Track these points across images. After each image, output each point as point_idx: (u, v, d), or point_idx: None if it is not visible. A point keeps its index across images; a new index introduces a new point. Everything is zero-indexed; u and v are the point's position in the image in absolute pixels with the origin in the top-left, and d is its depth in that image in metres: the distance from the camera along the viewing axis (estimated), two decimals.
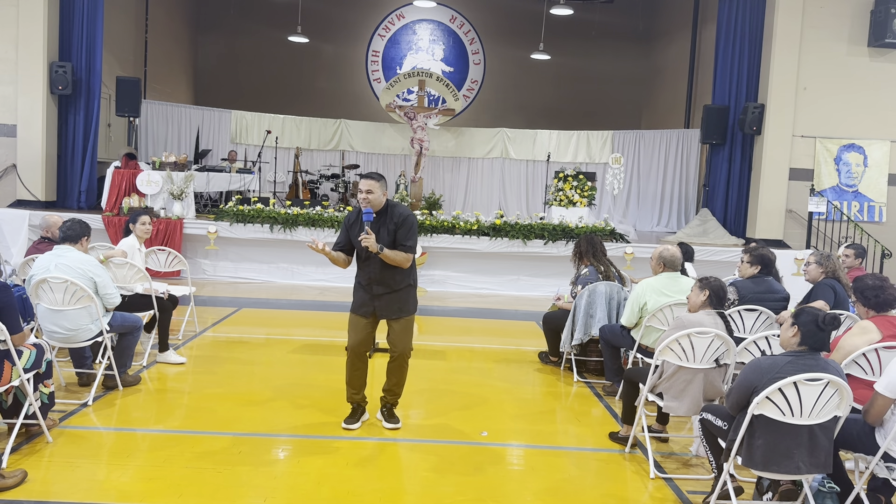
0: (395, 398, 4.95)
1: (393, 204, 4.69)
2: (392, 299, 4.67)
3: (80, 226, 5.15)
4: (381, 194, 4.58)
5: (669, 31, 17.31)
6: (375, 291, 4.67)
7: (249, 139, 14.81)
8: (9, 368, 4.02)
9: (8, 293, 4.03)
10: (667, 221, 14.67)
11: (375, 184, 4.54)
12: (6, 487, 3.64)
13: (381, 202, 4.60)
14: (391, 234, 4.60)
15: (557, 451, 4.65)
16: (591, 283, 6.15)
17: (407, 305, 4.73)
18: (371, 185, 4.53)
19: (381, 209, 4.62)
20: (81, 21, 11.76)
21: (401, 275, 4.67)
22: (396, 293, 4.67)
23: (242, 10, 18.06)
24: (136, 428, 4.69)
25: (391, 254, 4.53)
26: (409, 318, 4.76)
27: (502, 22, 18.43)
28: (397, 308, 4.69)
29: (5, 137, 11.50)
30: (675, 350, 4.24)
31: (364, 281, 4.72)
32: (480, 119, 17.69)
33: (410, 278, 4.75)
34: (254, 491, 3.83)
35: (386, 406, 4.96)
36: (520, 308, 9.71)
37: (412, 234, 4.61)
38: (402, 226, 4.60)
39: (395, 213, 4.63)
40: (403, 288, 4.70)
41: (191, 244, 10.60)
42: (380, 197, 4.57)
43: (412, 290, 4.78)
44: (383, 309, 4.69)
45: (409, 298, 4.74)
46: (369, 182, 4.54)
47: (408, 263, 4.64)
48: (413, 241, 4.63)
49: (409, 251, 4.60)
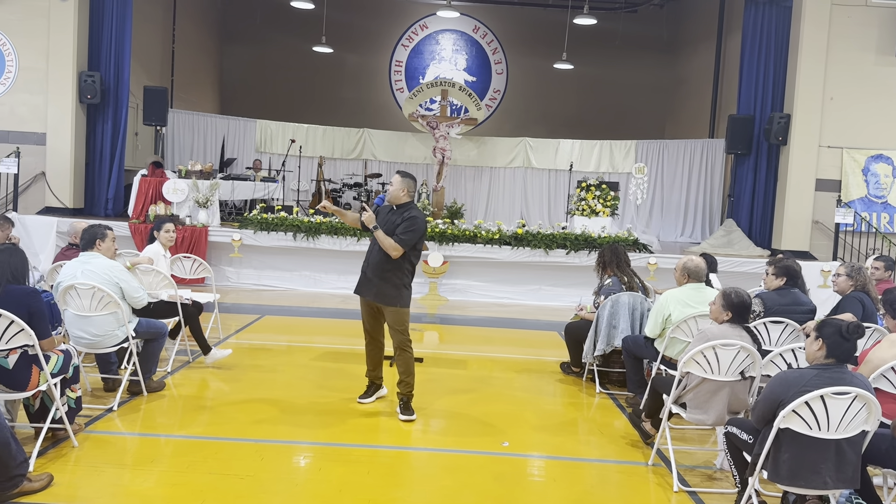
0: (406, 389, 5.21)
1: (411, 206, 5.13)
2: (380, 286, 5.08)
3: (90, 231, 5.20)
4: (401, 190, 5.07)
5: (694, 40, 17.22)
6: (368, 274, 5.16)
7: (274, 148, 14.95)
8: (37, 373, 4.08)
9: (37, 299, 4.10)
10: (691, 232, 14.54)
11: (399, 179, 5.10)
12: (33, 491, 3.68)
13: (399, 198, 5.09)
14: (395, 226, 5.01)
15: (579, 463, 4.62)
16: (614, 294, 6.10)
17: (391, 296, 5.07)
18: (395, 179, 5.12)
19: (399, 205, 5.10)
20: (110, 31, 11.98)
21: (390, 265, 5.03)
22: (383, 281, 5.06)
23: (268, 21, 18.28)
24: (160, 433, 4.74)
25: (381, 236, 4.99)
26: (397, 311, 5.11)
27: (525, 32, 18.46)
28: (383, 294, 5.07)
29: (35, 145, 11.70)
30: (700, 362, 4.19)
31: (365, 263, 5.23)
32: (503, 128, 17.70)
33: (402, 278, 5.09)
34: (276, 498, 3.85)
35: (400, 399, 5.25)
36: (541, 318, 9.67)
37: (410, 231, 4.98)
38: (405, 221, 5.01)
39: (409, 213, 5.07)
40: (391, 280, 5.05)
41: (215, 252, 10.71)
42: (398, 192, 5.07)
43: (401, 288, 5.10)
44: (370, 291, 5.14)
45: (394, 292, 5.07)
46: (396, 177, 5.13)
47: (394, 253, 4.97)
48: (407, 237, 4.97)
49: (400, 242, 4.95)
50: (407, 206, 5.12)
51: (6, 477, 3.59)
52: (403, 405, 5.20)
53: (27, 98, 11.72)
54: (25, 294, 4.06)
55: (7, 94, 11.74)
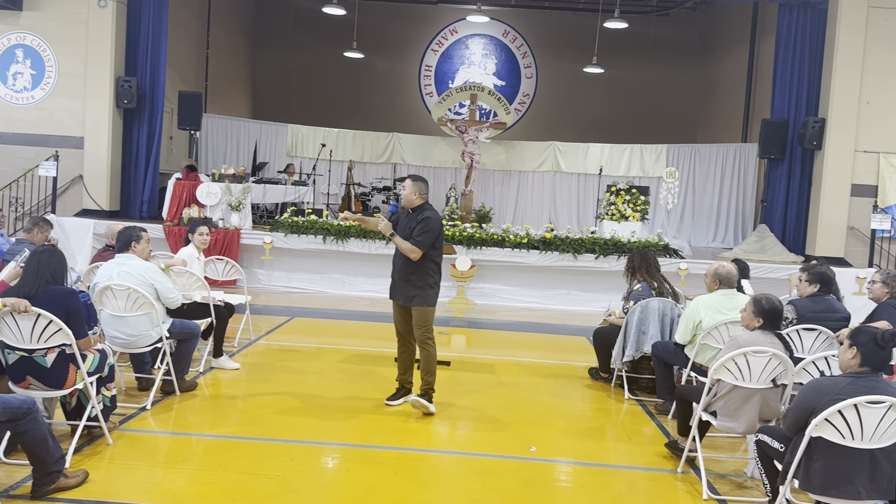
0: (427, 384, 5.39)
1: (426, 208, 5.29)
2: (406, 288, 5.26)
3: (126, 233, 5.32)
4: (413, 194, 5.25)
5: (726, 43, 17.02)
6: (396, 278, 5.34)
7: (305, 152, 15.09)
8: (73, 372, 4.18)
9: (75, 299, 4.20)
10: (723, 237, 14.37)
11: (411, 184, 5.29)
12: (69, 487, 3.77)
13: (411, 201, 5.27)
14: (411, 229, 5.17)
15: (607, 469, 4.60)
16: (643, 299, 6.06)
17: (417, 297, 5.24)
18: (407, 183, 5.32)
19: (416, 208, 5.27)
20: (147, 38, 12.21)
21: (412, 267, 5.20)
22: (408, 283, 5.24)
23: (300, 27, 18.48)
24: (192, 433, 4.82)
25: (399, 241, 5.17)
26: (422, 310, 5.28)
27: (555, 36, 18.41)
28: (409, 296, 5.25)
29: (73, 149, 11.98)
30: (731, 369, 4.15)
31: (392, 268, 5.40)
32: (532, 132, 17.66)
33: (425, 278, 5.23)
34: (304, 498, 3.89)
35: (422, 391, 5.41)
36: (569, 323, 9.63)
37: (425, 232, 5.12)
38: (420, 223, 5.16)
39: (422, 214, 5.22)
40: (414, 281, 5.22)
41: (247, 254, 10.85)
42: (410, 196, 5.26)
43: (426, 288, 5.25)
44: (400, 295, 5.32)
45: (419, 292, 5.23)
46: (407, 181, 5.34)
47: (413, 255, 5.13)
48: (423, 238, 5.12)
49: (416, 244, 5.11)
50: (421, 208, 5.29)
51: (44, 472, 3.68)
52: (423, 395, 5.40)
53: (66, 103, 12.00)
54: (63, 294, 4.16)
55: (47, 98, 12.03)
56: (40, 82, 12.03)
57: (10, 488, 3.75)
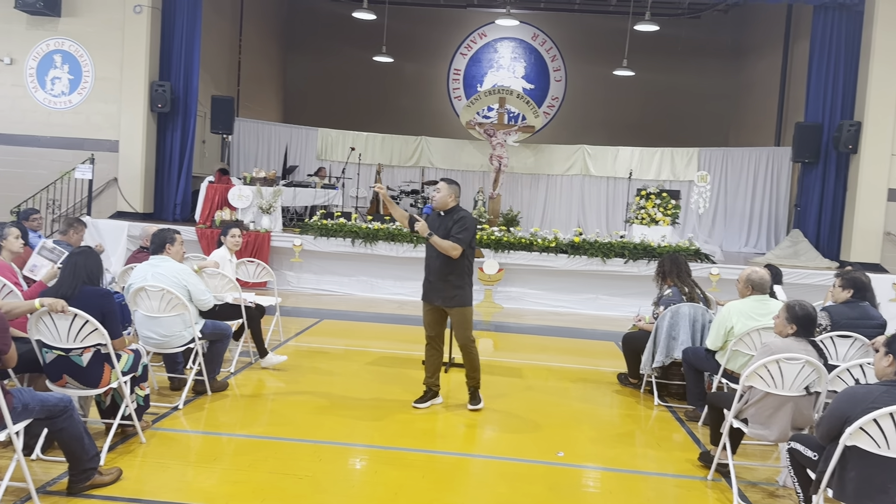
0: (474, 381, 5.60)
1: (459, 209, 5.41)
2: (445, 289, 5.33)
3: (160, 235, 5.42)
4: (448, 196, 5.37)
5: (759, 45, 16.80)
6: (432, 280, 5.38)
7: (334, 156, 15.21)
8: (108, 371, 4.26)
9: (110, 300, 4.28)
10: (755, 242, 14.16)
11: (445, 186, 5.40)
12: (103, 484, 3.84)
13: (446, 203, 5.37)
14: (447, 229, 5.27)
15: (636, 476, 4.56)
16: (674, 305, 6.01)
17: (457, 297, 5.34)
18: (440, 185, 5.42)
19: (448, 210, 5.37)
20: (180, 43, 12.41)
21: (450, 267, 5.29)
22: (447, 284, 5.32)
23: (330, 32, 18.64)
24: (223, 432, 4.88)
25: (438, 240, 5.22)
26: (463, 310, 5.40)
27: (585, 39, 18.33)
28: (449, 296, 5.34)
29: (108, 152, 12.21)
30: (763, 376, 4.10)
31: (426, 270, 5.44)
32: (560, 136, 17.59)
33: (463, 277, 5.35)
34: (333, 499, 3.92)
35: (469, 389, 5.62)
36: (598, 327, 9.57)
37: (464, 230, 5.25)
38: (457, 222, 5.28)
39: (457, 215, 5.35)
40: (454, 282, 5.32)
41: (277, 256, 10.96)
42: (445, 198, 5.36)
43: (465, 287, 5.38)
44: (437, 296, 5.38)
45: (459, 292, 5.35)
46: (441, 183, 5.44)
47: (454, 252, 5.21)
48: (463, 236, 5.23)
49: (457, 241, 5.21)
50: (455, 209, 5.41)
51: (79, 469, 3.76)
52: (472, 395, 5.62)
53: (102, 107, 12.24)
54: (99, 295, 4.24)
55: (84, 103, 12.29)
56: (77, 87, 12.29)
57: (46, 484, 3.83)
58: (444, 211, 5.40)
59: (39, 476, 3.91)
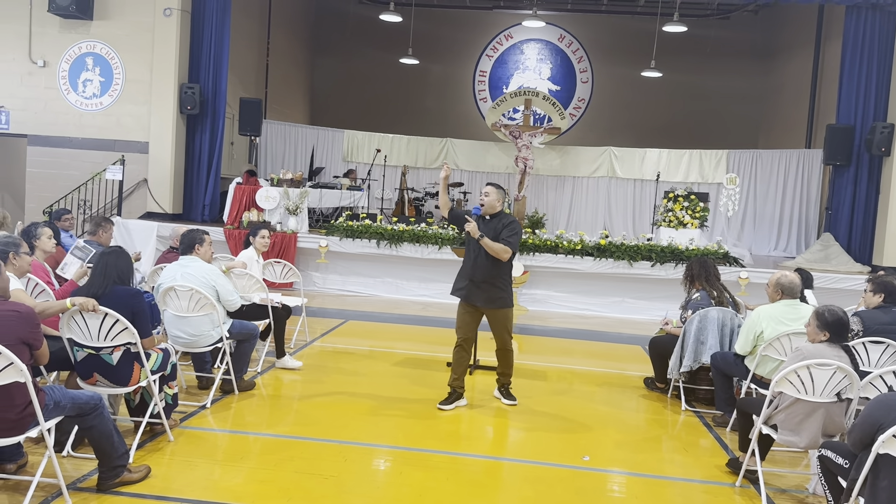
0: (507, 379, 5.82)
1: (506, 214, 5.57)
2: (490, 291, 5.44)
3: (189, 236, 5.48)
4: (496, 200, 5.50)
5: (790, 46, 16.56)
6: (476, 282, 5.45)
7: (360, 157, 15.28)
8: (138, 370, 4.31)
9: (140, 300, 4.33)
10: (785, 246, 13.96)
11: (493, 190, 5.54)
12: (132, 481, 3.89)
13: (495, 207, 5.51)
14: (497, 232, 5.38)
15: (662, 481, 4.51)
16: (702, 309, 5.94)
17: (501, 299, 5.48)
18: (489, 189, 5.55)
19: (494, 214, 5.51)
20: (209, 46, 12.55)
21: (497, 269, 5.43)
22: (493, 286, 5.44)
23: (356, 34, 18.74)
24: (250, 431, 4.92)
25: (490, 242, 5.31)
26: (507, 311, 5.57)
27: (612, 40, 18.21)
28: (494, 298, 5.46)
29: (138, 154, 12.39)
30: (794, 382, 4.03)
31: (469, 270, 5.50)
32: (587, 137, 17.50)
33: (507, 279, 5.52)
34: (358, 499, 3.93)
35: (502, 387, 5.85)
36: (624, 331, 9.49)
37: (514, 234, 5.41)
38: (507, 227, 5.42)
39: (505, 219, 5.50)
40: (499, 284, 5.45)
41: (303, 257, 11.03)
42: (494, 202, 5.49)
43: (508, 289, 5.52)
44: (481, 297, 5.46)
45: (503, 294, 5.49)
46: (489, 187, 5.56)
47: (505, 255, 5.36)
48: (514, 240, 5.39)
49: (508, 245, 5.35)
50: (501, 213, 5.55)
51: (109, 467, 3.81)
52: (504, 392, 5.83)
53: (132, 109, 12.42)
54: (129, 295, 4.30)
55: (114, 104, 12.48)
56: (108, 89, 12.48)
57: (77, 480, 3.89)
58: (491, 214, 5.52)
59: (70, 472, 3.97)
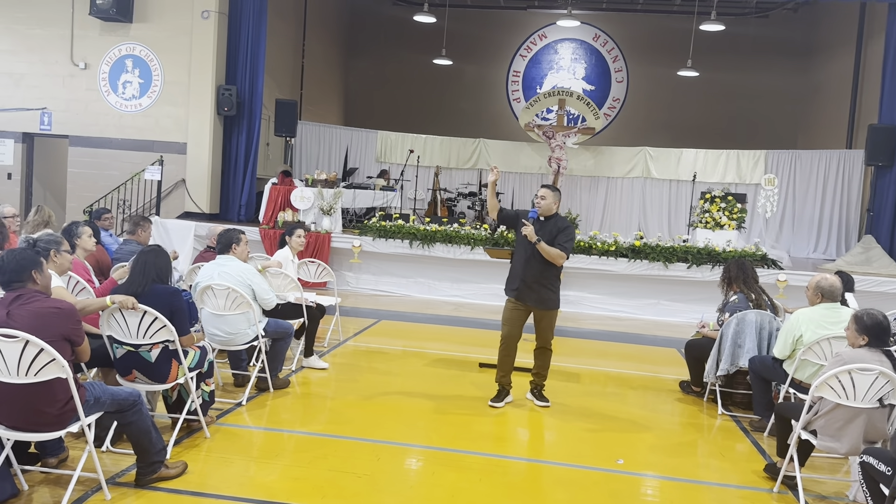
0: (542, 380, 5.82)
1: (561, 217, 5.67)
2: (541, 292, 5.51)
3: (226, 236, 5.56)
4: (553, 203, 5.56)
5: (831, 44, 16.21)
6: (528, 282, 5.49)
7: (393, 158, 15.35)
8: (176, 367, 4.38)
9: (179, 298, 4.41)
10: (825, 248, 13.67)
11: (550, 193, 5.58)
12: (169, 477, 3.95)
13: (551, 210, 5.56)
14: (552, 236, 5.44)
15: (697, 486, 4.45)
16: (739, 311, 5.84)
17: (552, 300, 5.58)
18: (546, 192, 5.58)
19: (549, 217, 5.55)
20: (246, 48, 12.71)
21: (550, 272, 5.51)
22: (544, 287, 5.51)
23: (390, 36, 18.84)
24: (284, 429, 4.97)
25: (547, 247, 5.38)
26: (554, 313, 5.66)
27: (648, 39, 18.03)
28: (545, 299, 5.53)
29: (177, 154, 12.60)
30: (834, 387, 3.94)
31: (520, 271, 5.53)
32: (621, 138, 17.34)
33: (557, 282, 5.61)
34: (390, 498, 3.95)
35: (535, 388, 5.85)
36: (659, 334, 9.37)
37: (569, 238, 5.50)
38: (562, 231, 5.49)
39: (560, 222, 5.58)
40: (550, 286, 5.54)
41: (337, 257, 11.10)
42: (550, 204, 5.55)
43: (558, 291, 5.63)
44: (531, 297, 5.52)
45: (553, 296, 5.59)
46: (545, 190, 5.61)
47: (560, 260, 5.45)
48: (569, 244, 5.49)
49: (563, 250, 5.43)
50: (557, 215, 5.62)
51: (146, 462, 3.88)
52: (537, 393, 5.83)
53: (171, 110, 12.64)
54: (168, 293, 4.37)
55: (153, 106, 12.71)
56: (147, 90, 12.72)
57: (116, 475, 3.97)
58: (545, 217, 5.55)
59: (109, 467, 4.05)
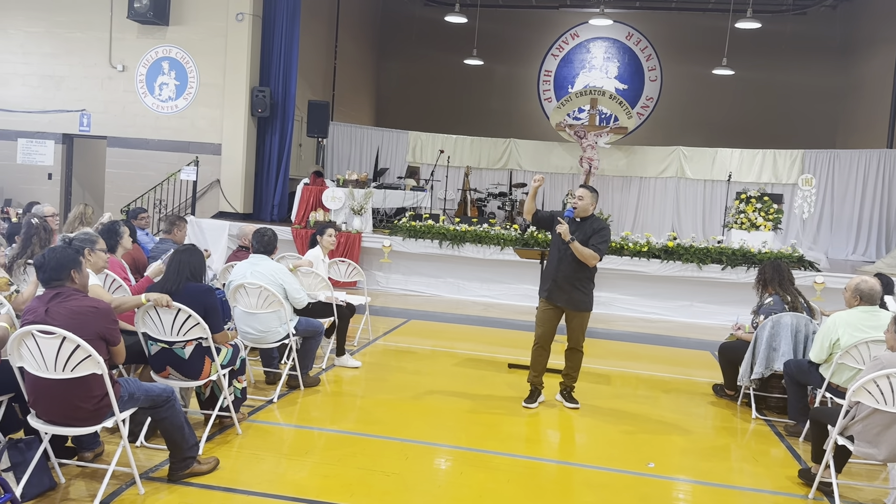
0: (572, 381, 5.80)
1: (595, 217, 5.60)
2: (572, 293, 5.47)
3: (266, 241, 5.64)
4: (590, 204, 5.51)
5: (870, 41, 15.84)
6: (559, 283, 5.47)
7: (424, 158, 15.38)
8: (209, 364, 4.45)
9: (213, 296, 4.47)
10: (864, 249, 13.37)
11: (588, 193, 5.53)
12: (201, 472, 4.01)
13: (588, 210, 5.51)
14: (587, 236, 5.41)
15: (730, 491, 4.38)
16: (775, 314, 5.74)
17: (584, 301, 5.54)
18: (583, 192, 5.54)
19: (586, 217, 5.50)
20: (280, 50, 12.85)
21: (583, 273, 5.46)
22: (576, 288, 5.47)
23: (421, 36, 18.89)
24: (314, 426, 5.01)
25: (580, 246, 5.32)
26: (586, 315, 5.61)
27: (682, 37, 17.83)
28: (576, 300, 5.49)
29: (212, 155, 12.78)
30: (872, 391, 3.85)
31: (553, 271, 5.52)
32: (654, 137, 17.16)
33: (590, 284, 5.55)
34: (419, 497, 3.95)
35: (565, 389, 5.82)
36: (692, 336, 9.26)
37: (604, 240, 5.44)
38: (597, 232, 5.44)
39: (596, 223, 5.52)
40: (582, 287, 5.49)
41: (367, 257, 11.17)
42: (587, 205, 5.49)
43: (591, 293, 5.57)
44: (562, 298, 5.50)
45: (586, 297, 5.54)
46: (583, 190, 5.56)
47: (593, 261, 5.39)
48: (603, 246, 5.42)
49: (597, 251, 5.37)
50: (592, 217, 5.56)
51: (179, 458, 3.94)
52: (567, 395, 5.80)
53: (206, 111, 12.83)
54: (202, 291, 4.44)
55: (189, 107, 12.92)
56: (183, 92, 12.92)
57: (149, 470, 4.04)
58: (582, 218, 5.50)
59: (143, 462, 4.12)
